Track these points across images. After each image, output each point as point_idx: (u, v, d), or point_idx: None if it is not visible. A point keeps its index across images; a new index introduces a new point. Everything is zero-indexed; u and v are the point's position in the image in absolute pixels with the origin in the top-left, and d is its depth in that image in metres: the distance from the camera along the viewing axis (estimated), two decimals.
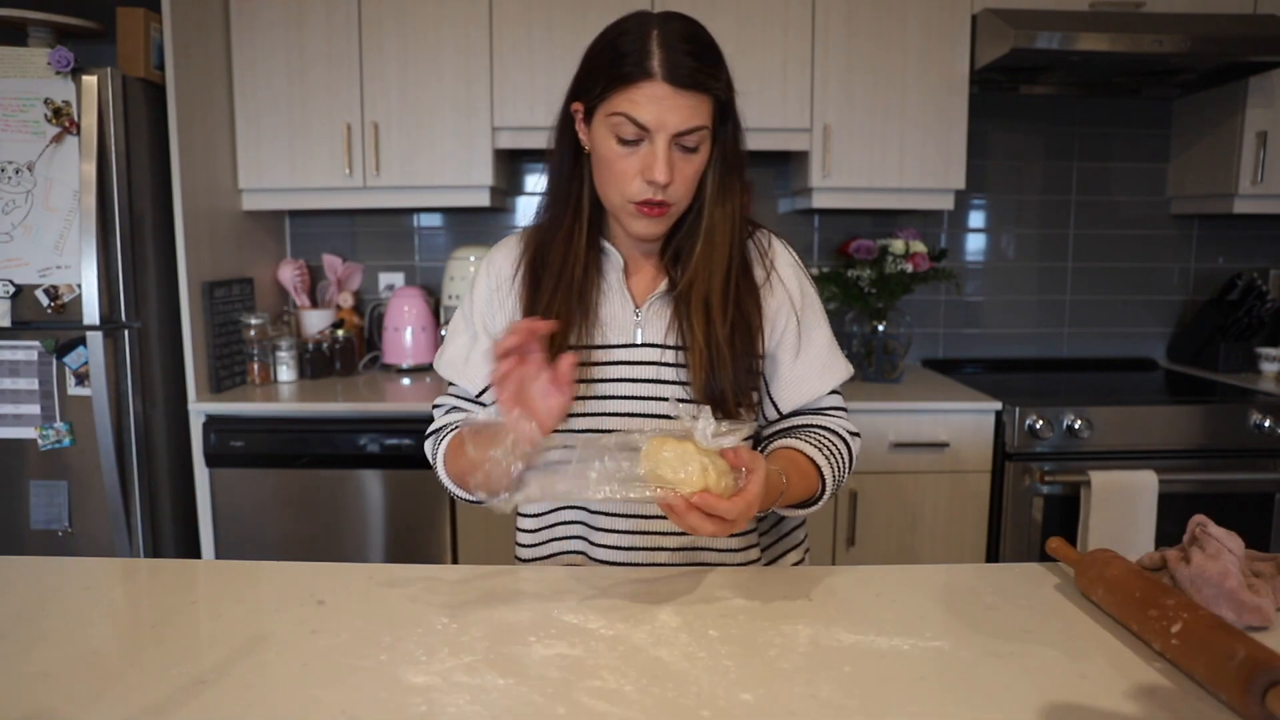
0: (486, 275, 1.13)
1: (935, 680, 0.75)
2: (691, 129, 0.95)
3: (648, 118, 0.94)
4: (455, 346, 1.14)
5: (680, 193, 0.99)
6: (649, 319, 1.06)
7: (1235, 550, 0.86)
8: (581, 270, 1.05)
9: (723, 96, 0.98)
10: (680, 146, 0.96)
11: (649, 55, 0.93)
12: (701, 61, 0.95)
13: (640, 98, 0.94)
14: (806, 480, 1.01)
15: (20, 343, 2.03)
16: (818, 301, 1.14)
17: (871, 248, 2.56)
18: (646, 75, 0.93)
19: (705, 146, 0.99)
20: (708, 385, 1.01)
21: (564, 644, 0.82)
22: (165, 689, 0.73)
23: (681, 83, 0.93)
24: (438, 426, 1.13)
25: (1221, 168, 2.50)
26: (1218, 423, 2.19)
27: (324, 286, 2.73)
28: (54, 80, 1.95)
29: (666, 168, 0.95)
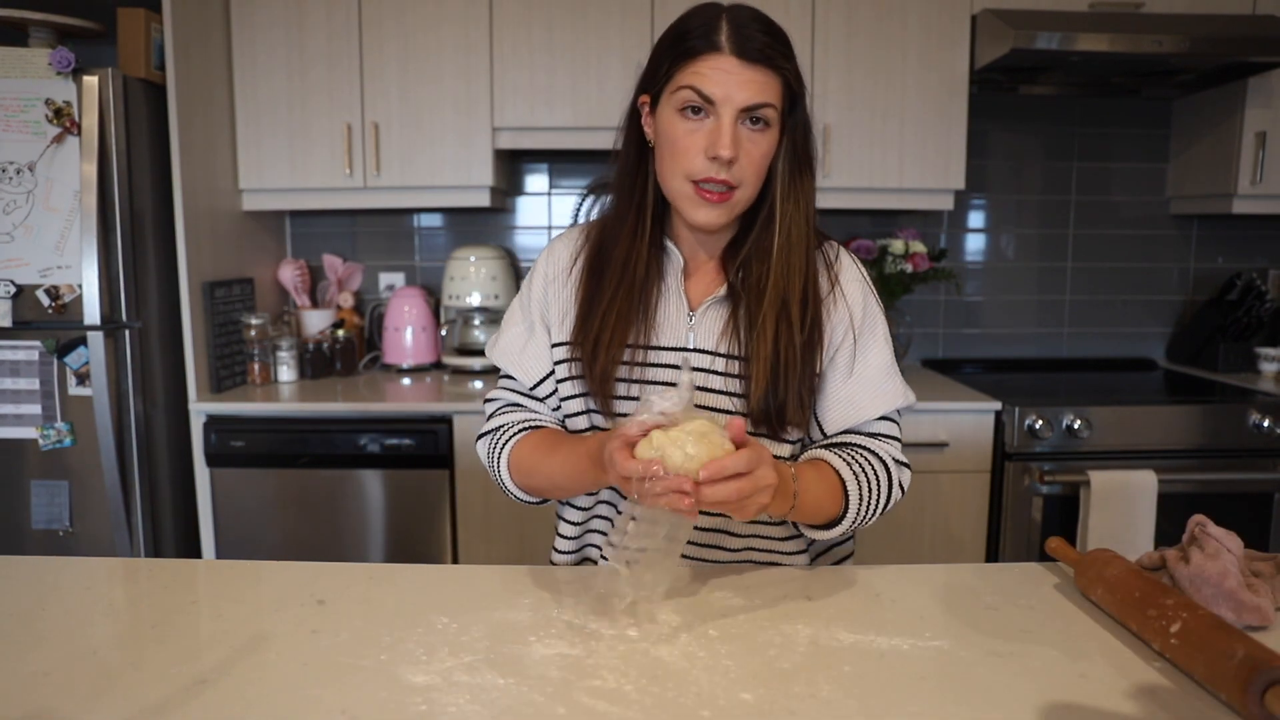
0: (545, 264, 1.10)
1: (935, 680, 0.75)
2: (759, 104, 0.93)
3: (714, 89, 0.92)
4: (511, 335, 1.11)
5: (746, 175, 0.95)
6: (702, 323, 1.03)
7: (1234, 550, 0.86)
8: (644, 268, 1.02)
9: (793, 82, 0.96)
10: (747, 124, 0.94)
11: (717, 30, 0.93)
12: (772, 39, 0.93)
13: (707, 69, 0.92)
14: (826, 486, 0.95)
15: (21, 343, 2.04)
16: (881, 322, 1.08)
17: (871, 248, 2.56)
18: (714, 48, 0.92)
19: (774, 130, 0.96)
20: (766, 399, 0.97)
21: (564, 644, 0.82)
22: (165, 689, 0.73)
23: (750, 56, 0.92)
24: (494, 427, 1.09)
25: (1221, 168, 2.50)
26: (1217, 423, 2.19)
27: (324, 286, 2.73)
28: (55, 80, 1.96)
29: (731, 141, 0.92)
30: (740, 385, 1.00)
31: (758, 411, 0.99)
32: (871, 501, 0.98)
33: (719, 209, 0.96)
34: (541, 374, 1.08)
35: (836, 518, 0.97)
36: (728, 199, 0.96)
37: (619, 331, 1.01)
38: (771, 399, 0.98)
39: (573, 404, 1.06)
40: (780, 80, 0.95)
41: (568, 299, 1.07)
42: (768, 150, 0.96)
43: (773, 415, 0.99)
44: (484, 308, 2.55)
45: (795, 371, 0.98)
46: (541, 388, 1.09)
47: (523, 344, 1.10)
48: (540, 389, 1.09)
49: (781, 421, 0.99)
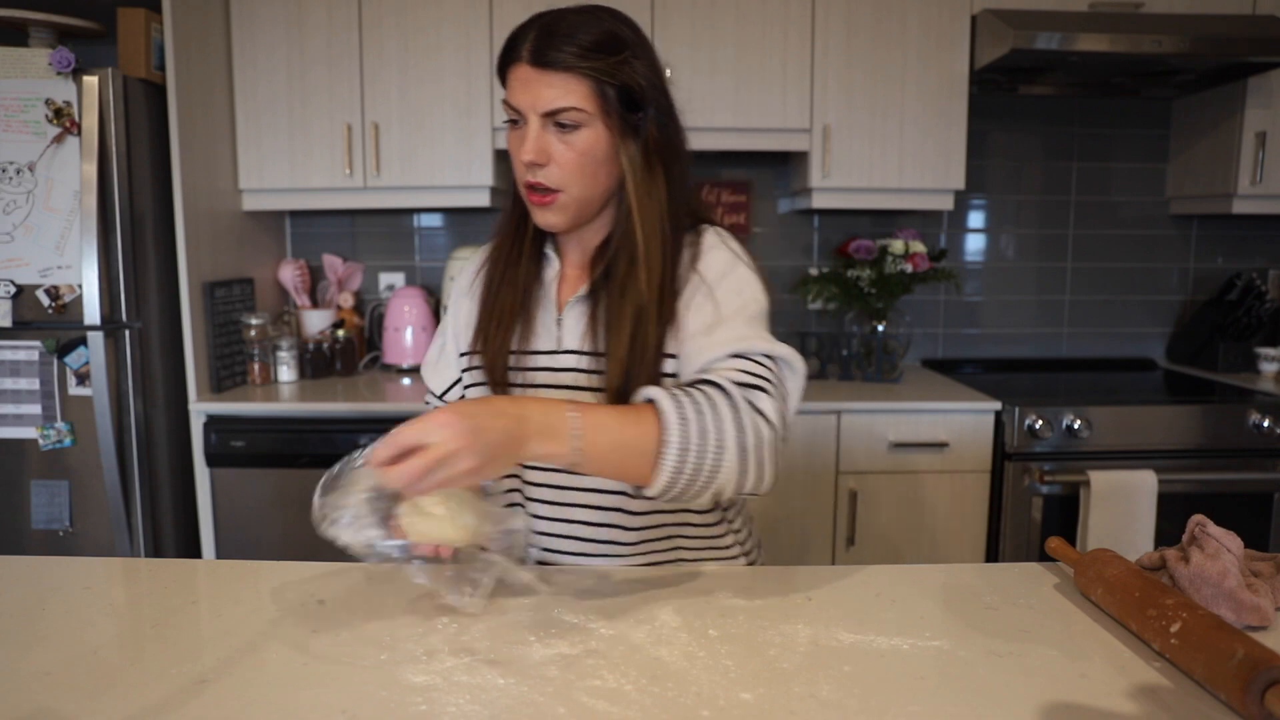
0: (458, 280, 1.19)
1: (935, 680, 0.75)
2: (559, 109, 0.95)
3: (519, 99, 0.96)
4: (433, 349, 1.20)
5: (564, 178, 0.97)
6: (569, 324, 1.05)
7: (1234, 550, 0.86)
8: (522, 273, 1.07)
9: (609, 80, 0.95)
10: (556, 126, 0.96)
11: (523, 41, 0.96)
12: (574, 44, 0.94)
13: (513, 80, 0.97)
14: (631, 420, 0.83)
15: (21, 343, 2.04)
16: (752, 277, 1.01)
17: (871, 248, 2.56)
18: (516, 59, 0.96)
19: (590, 131, 0.96)
20: (619, 395, 0.97)
21: (564, 644, 0.82)
22: (165, 689, 0.73)
23: (546, 63, 0.94)
24: None
25: (1220, 168, 2.51)
26: (1217, 422, 2.19)
27: (324, 286, 2.73)
28: (55, 81, 1.96)
29: (533, 146, 0.96)
30: (593, 381, 1.02)
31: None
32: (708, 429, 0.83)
33: (548, 211, 1.00)
34: (448, 382, 1.16)
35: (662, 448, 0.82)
36: (551, 201, 0.99)
37: (501, 336, 1.06)
38: (626, 395, 0.97)
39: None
40: (588, 82, 0.95)
41: (470, 308, 1.12)
42: (584, 150, 0.97)
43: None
44: None
45: (649, 368, 0.98)
46: (450, 394, 1.16)
47: (437, 357, 1.19)
48: (449, 395, 1.16)
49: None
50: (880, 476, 2.24)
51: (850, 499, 2.24)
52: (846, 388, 2.39)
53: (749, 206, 2.77)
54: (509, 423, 0.78)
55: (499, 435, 0.77)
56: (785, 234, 2.80)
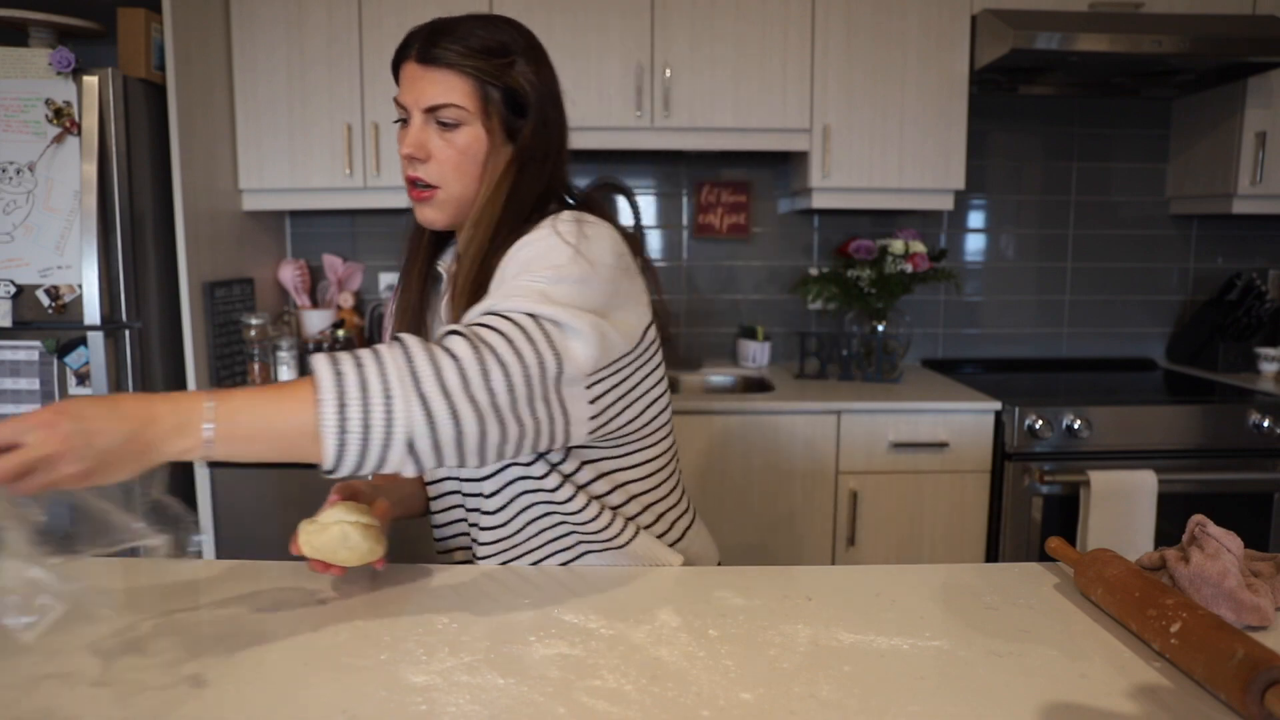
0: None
1: (935, 680, 0.76)
2: (440, 104, 0.96)
3: (404, 96, 0.99)
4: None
5: (442, 175, 0.98)
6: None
7: (1234, 550, 0.86)
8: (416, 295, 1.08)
9: (493, 81, 0.97)
10: (438, 123, 0.98)
11: (414, 40, 0.99)
12: (460, 44, 0.96)
13: (402, 79, 1.00)
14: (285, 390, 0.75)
15: (21, 343, 2.04)
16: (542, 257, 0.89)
17: (871, 248, 2.56)
18: (405, 57, 0.99)
19: (470, 130, 0.97)
20: None
21: (564, 644, 0.82)
22: (165, 689, 0.73)
23: (430, 60, 0.96)
24: None
25: (1220, 168, 2.51)
26: (1217, 422, 2.19)
27: (324, 286, 2.73)
28: (55, 81, 1.96)
29: (412, 140, 0.98)
30: None
31: None
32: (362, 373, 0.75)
33: (426, 206, 1.01)
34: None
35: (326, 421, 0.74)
36: (429, 196, 1.00)
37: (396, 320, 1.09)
38: None
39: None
40: (470, 80, 0.97)
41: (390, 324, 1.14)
42: (463, 148, 0.98)
43: None
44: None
45: None
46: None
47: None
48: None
49: None
50: (880, 476, 2.24)
51: (850, 499, 2.24)
52: (846, 388, 2.39)
53: (749, 206, 2.77)
54: (132, 426, 0.70)
55: (115, 440, 0.69)
56: (785, 234, 2.80)
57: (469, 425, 0.77)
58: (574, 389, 0.87)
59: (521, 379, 0.80)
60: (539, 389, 0.82)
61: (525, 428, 0.82)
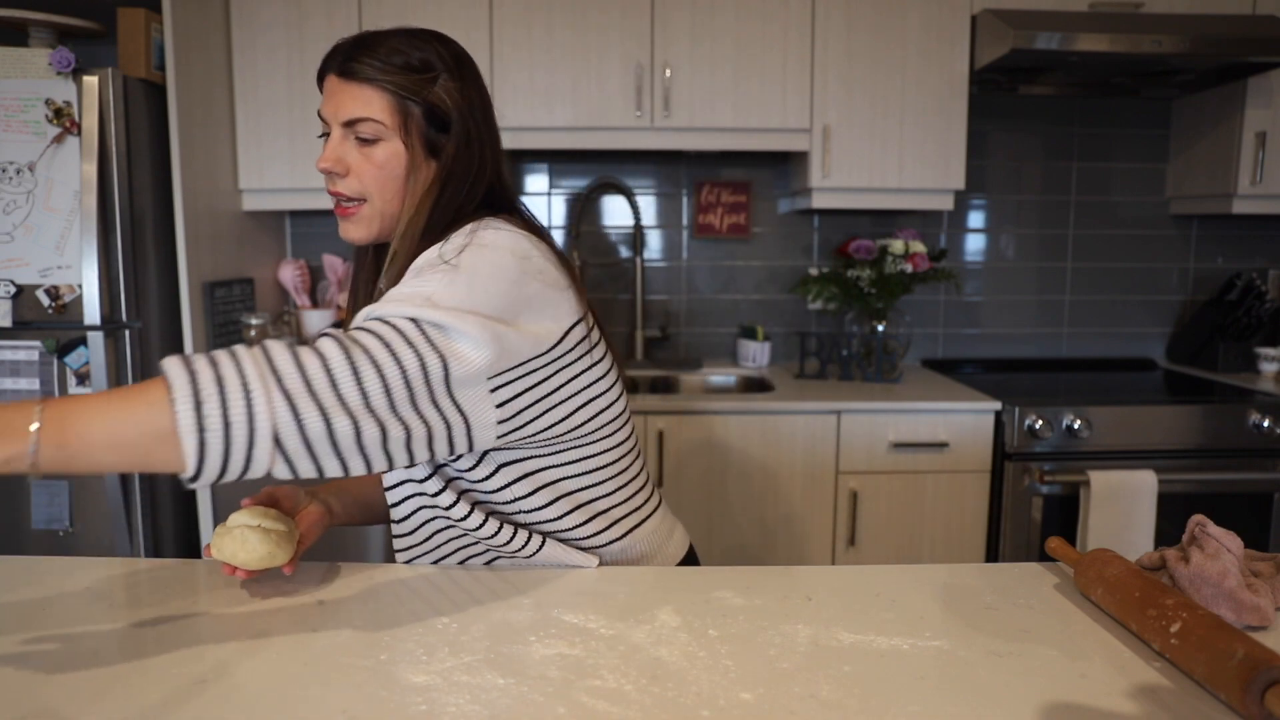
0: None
1: (935, 680, 0.76)
2: (357, 119, 0.96)
3: (325, 109, 0.98)
4: None
5: (366, 188, 0.98)
6: None
7: (1234, 550, 0.86)
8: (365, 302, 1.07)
9: (411, 96, 0.96)
10: (357, 139, 0.97)
11: (337, 53, 0.98)
12: (376, 58, 0.95)
13: (324, 92, 0.99)
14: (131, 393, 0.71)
15: (21, 343, 2.04)
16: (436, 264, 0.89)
17: (871, 248, 2.56)
18: (327, 71, 0.99)
19: (389, 145, 0.97)
20: None
21: (564, 644, 0.82)
22: (165, 689, 0.73)
23: (348, 75, 0.96)
24: None
25: (1220, 168, 2.51)
26: (1217, 422, 2.19)
27: (324, 286, 2.73)
28: (55, 81, 1.96)
29: (329, 154, 0.97)
30: None
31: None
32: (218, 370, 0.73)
33: (348, 222, 1.00)
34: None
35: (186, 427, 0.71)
36: (353, 212, 0.99)
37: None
38: None
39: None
40: (387, 95, 0.96)
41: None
42: (383, 163, 0.97)
43: None
44: None
45: None
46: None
47: None
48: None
49: None
50: (880, 476, 2.24)
51: (850, 499, 2.24)
52: (846, 388, 2.39)
53: (749, 206, 2.77)
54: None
55: None
56: (785, 234, 2.80)
57: (340, 423, 0.75)
58: (470, 391, 0.85)
59: (399, 379, 0.79)
60: (423, 390, 0.81)
61: (412, 429, 0.80)
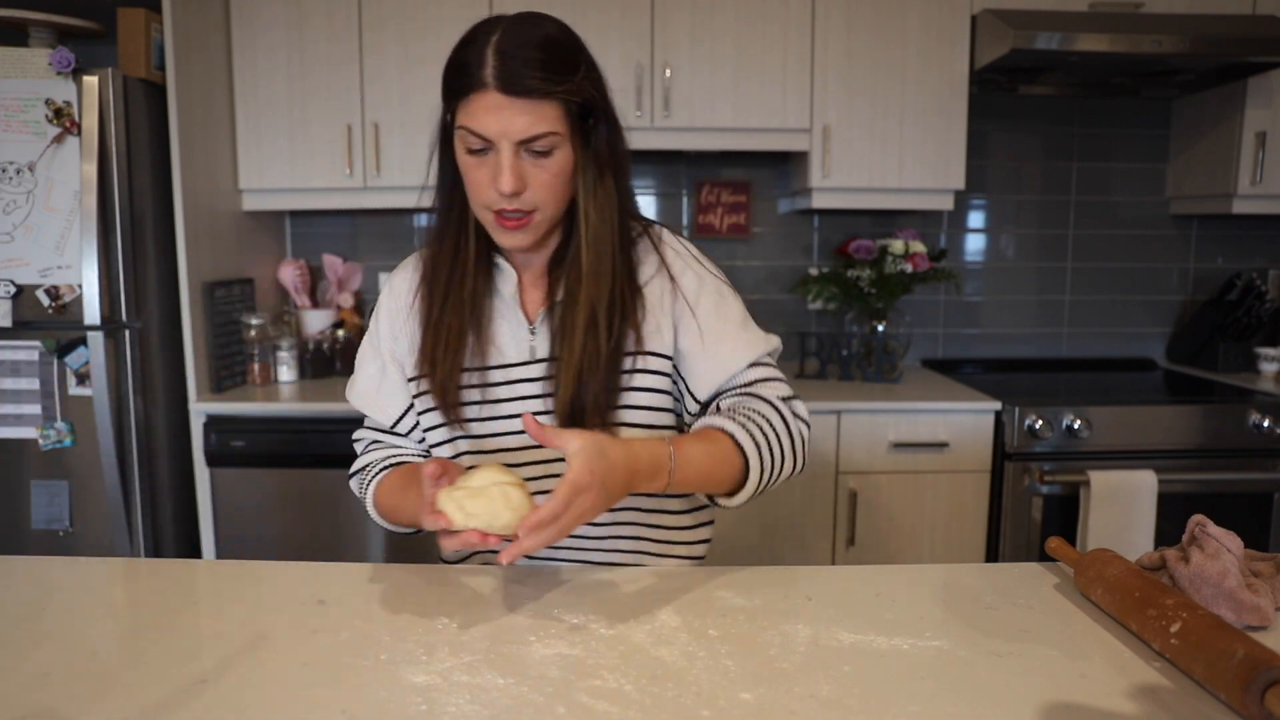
0: (388, 299, 1.11)
1: (935, 680, 0.76)
2: (535, 135, 0.92)
3: (487, 128, 0.92)
4: (365, 377, 1.13)
5: (540, 199, 0.96)
6: (541, 335, 1.04)
7: (1234, 550, 0.86)
8: (471, 284, 1.03)
9: (575, 99, 0.94)
10: (530, 152, 0.93)
11: (484, 64, 0.91)
12: (543, 68, 0.91)
13: (478, 109, 0.92)
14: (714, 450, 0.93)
15: (21, 343, 2.04)
16: (722, 285, 1.07)
17: (871, 248, 2.56)
18: (481, 86, 0.91)
19: (562, 150, 0.95)
20: (572, 402, 0.99)
21: (564, 644, 0.82)
22: (165, 689, 0.73)
23: (517, 91, 0.90)
24: (361, 465, 1.14)
25: (1220, 168, 2.51)
26: (1217, 422, 2.19)
27: (324, 286, 2.73)
28: (55, 81, 1.96)
29: (510, 177, 0.92)
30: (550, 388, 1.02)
31: (563, 416, 1.00)
32: (774, 449, 0.97)
33: (520, 233, 0.98)
34: (399, 412, 1.11)
35: (742, 478, 0.96)
36: (526, 223, 0.97)
37: (451, 351, 1.02)
38: (576, 402, 0.99)
39: (436, 434, 1.08)
40: (558, 105, 0.93)
41: (413, 329, 1.08)
42: (558, 171, 0.96)
43: (578, 419, 1.00)
44: None
45: (599, 376, 0.99)
46: (402, 424, 1.12)
47: (377, 384, 1.12)
48: (401, 425, 1.12)
49: (585, 419, 1.00)
50: (880, 476, 2.24)
51: (850, 499, 2.24)
52: (846, 388, 2.39)
53: (749, 206, 2.77)
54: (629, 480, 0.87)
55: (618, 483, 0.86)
56: (785, 234, 2.80)
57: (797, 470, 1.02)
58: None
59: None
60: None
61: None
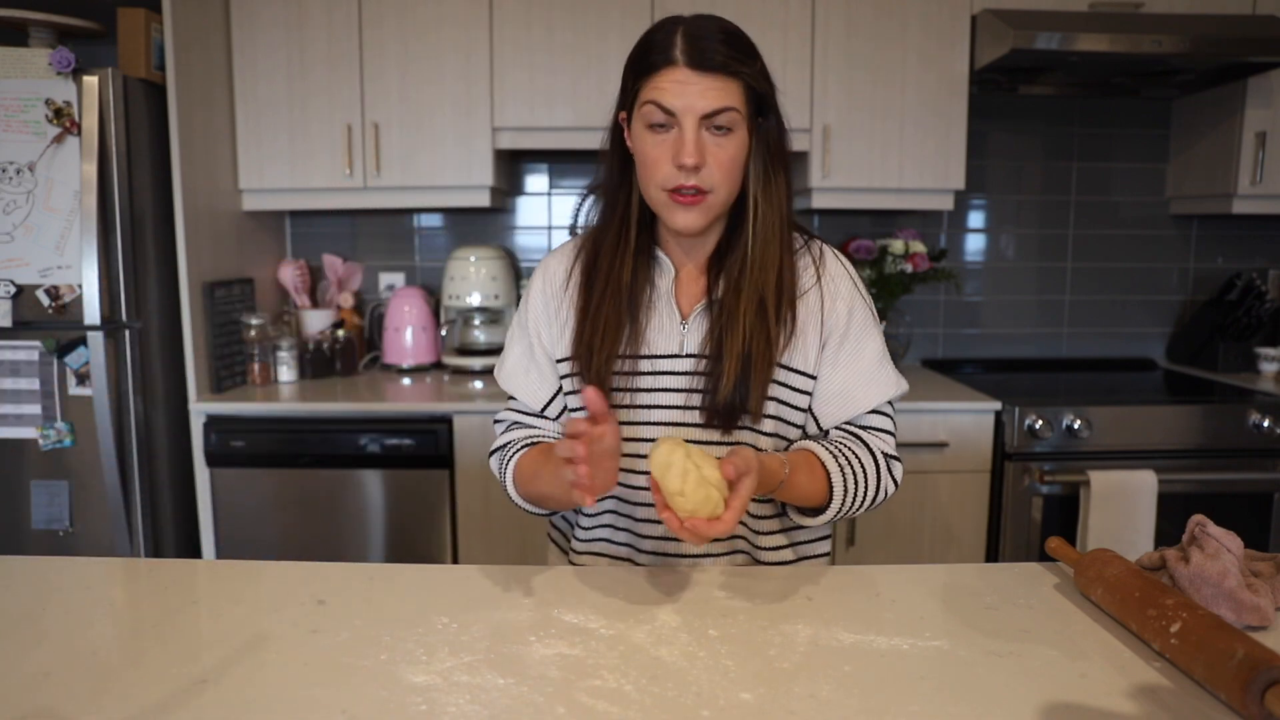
0: (541, 281, 1.13)
1: (935, 680, 0.76)
2: (718, 110, 0.95)
3: (673, 101, 0.95)
4: (514, 357, 1.14)
5: (716, 179, 0.98)
6: (693, 329, 1.06)
7: (1234, 550, 0.86)
8: (630, 275, 1.05)
9: (755, 85, 0.98)
10: (711, 129, 0.96)
11: (673, 45, 0.96)
12: (726, 47, 0.96)
13: (665, 83, 0.96)
14: (812, 477, 0.99)
15: (21, 343, 2.04)
16: (870, 315, 1.10)
17: (871, 248, 2.56)
18: (670, 62, 0.95)
19: (740, 132, 0.98)
20: (733, 395, 1.00)
21: (564, 644, 0.82)
22: (165, 689, 0.73)
23: (703, 65, 0.94)
24: (502, 443, 1.13)
25: (1220, 168, 2.51)
26: (1217, 422, 2.19)
27: (324, 286, 2.73)
28: (55, 81, 1.96)
29: (694, 148, 0.95)
30: (704, 383, 1.03)
31: (721, 403, 1.01)
32: (858, 494, 1.01)
33: (694, 211, 0.99)
34: (548, 396, 1.12)
35: (822, 506, 1.01)
36: (700, 201, 0.99)
37: (608, 338, 1.04)
38: (737, 394, 1.00)
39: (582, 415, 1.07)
40: (740, 84, 0.97)
41: (567, 312, 1.09)
42: (735, 153, 0.98)
43: (735, 409, 1.01)
44: (484, 308, 2.55)
45: (764, 367, 1.01)
46: (551, 408, 1.13)
47: (525, 367, 1.13)
48: (550, 409, 1.13)
49: (742, 412, 1.02)
50: None
51: None
52: None
53: None
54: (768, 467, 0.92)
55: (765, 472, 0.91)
56: None
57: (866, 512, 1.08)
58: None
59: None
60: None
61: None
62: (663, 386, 1.05)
